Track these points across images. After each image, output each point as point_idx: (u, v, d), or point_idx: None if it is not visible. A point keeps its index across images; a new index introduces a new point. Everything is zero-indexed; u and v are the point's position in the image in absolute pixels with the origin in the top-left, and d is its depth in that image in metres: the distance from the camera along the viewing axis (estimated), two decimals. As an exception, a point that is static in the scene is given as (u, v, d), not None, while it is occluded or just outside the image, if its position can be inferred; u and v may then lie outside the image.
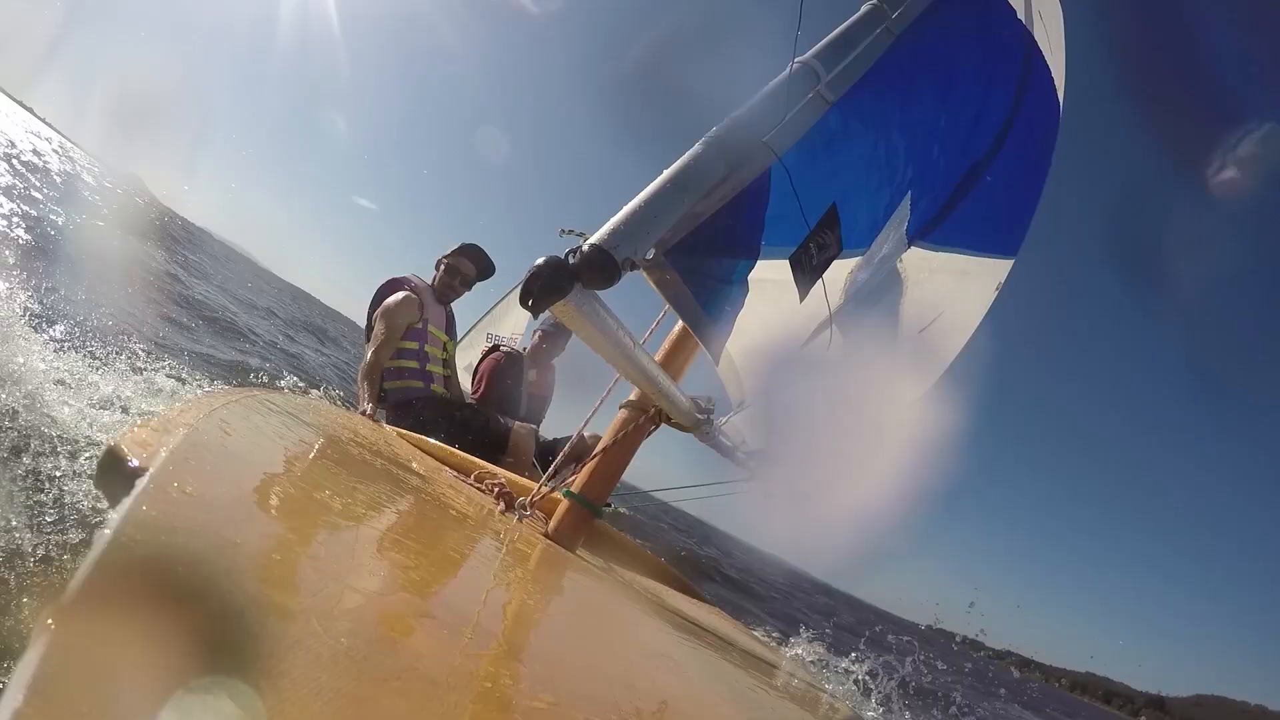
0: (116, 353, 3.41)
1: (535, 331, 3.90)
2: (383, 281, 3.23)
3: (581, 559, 1.38)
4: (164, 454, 0.62)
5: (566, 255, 0.89)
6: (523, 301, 0.88)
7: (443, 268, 3.26)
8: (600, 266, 0.89)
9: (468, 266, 3.26)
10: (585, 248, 0.89)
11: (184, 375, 3.87)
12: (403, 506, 1.03)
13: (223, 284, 10.64)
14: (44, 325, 3.25)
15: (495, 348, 3.91)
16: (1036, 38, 2.03)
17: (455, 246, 3.30)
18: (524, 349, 3.90)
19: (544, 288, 0.87)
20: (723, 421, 1.48)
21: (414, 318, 3.09)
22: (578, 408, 1.59)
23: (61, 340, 3.16)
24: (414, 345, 3.10)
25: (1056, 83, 2.23)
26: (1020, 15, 1.94)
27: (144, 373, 3.46)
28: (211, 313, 7.02)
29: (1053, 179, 2.52)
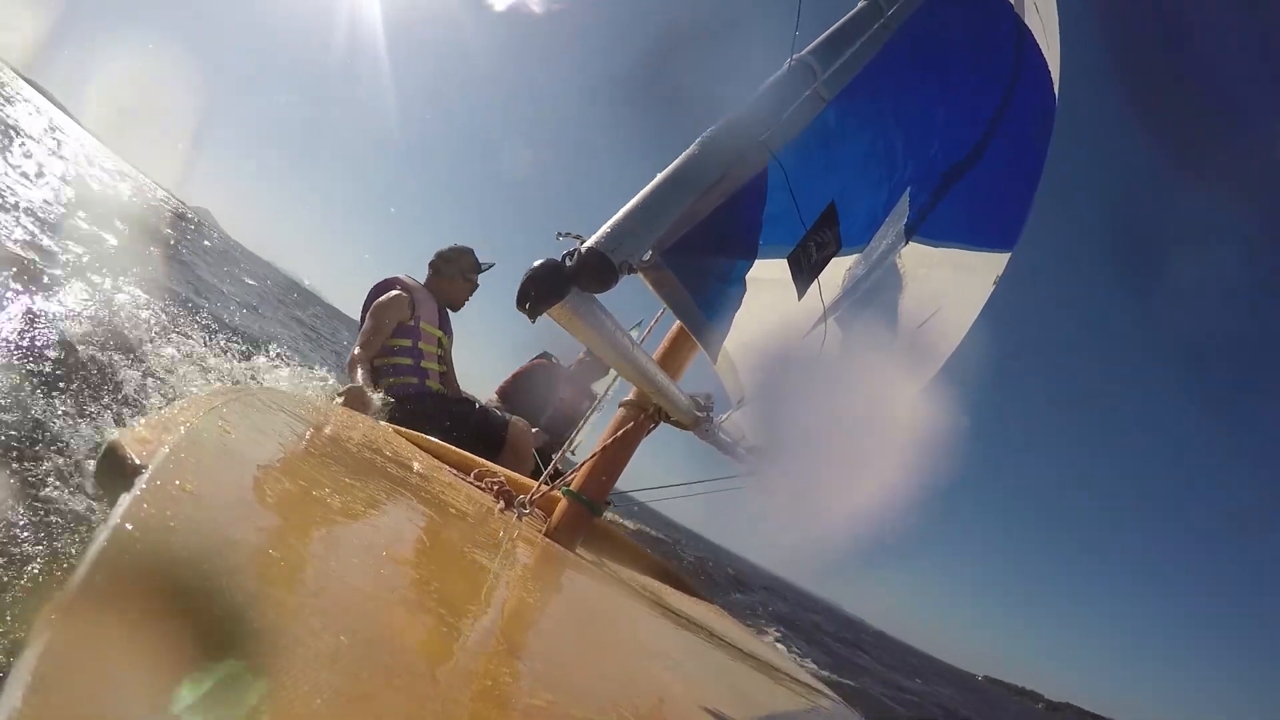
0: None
1: (584, 348, 3.92)
2: (375, 283, 3.30)
3: (581, 557, 1.38)
4: (164, 451, 0.62)
5: (563, 258, 0.89)
6: (519, 305, 0.88)
7: (449, 267, 3.33)
8: (597, 269, 0.88)
9: (470, 262, 3.35)
10: (582, 250, 0.89)
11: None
12: (402, 504, 1.03)
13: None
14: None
15: (546, 354, 3.91)
16: (1031, 28, 2.03)
17: (449, 248, 3.39)
18: (570, 366, 3.90)
19: (541, 291, 0.87)
20: (723, 419, 1.48)
21: (405, 315, 3.14)
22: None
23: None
24: (407, 342, 3.14)
25: (1052, 74, 2.23)
26: (1015, 8, 1.94)
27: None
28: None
29: (1049, 173, 2.53)
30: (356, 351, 3.03)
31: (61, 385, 2.39)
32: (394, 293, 3.15)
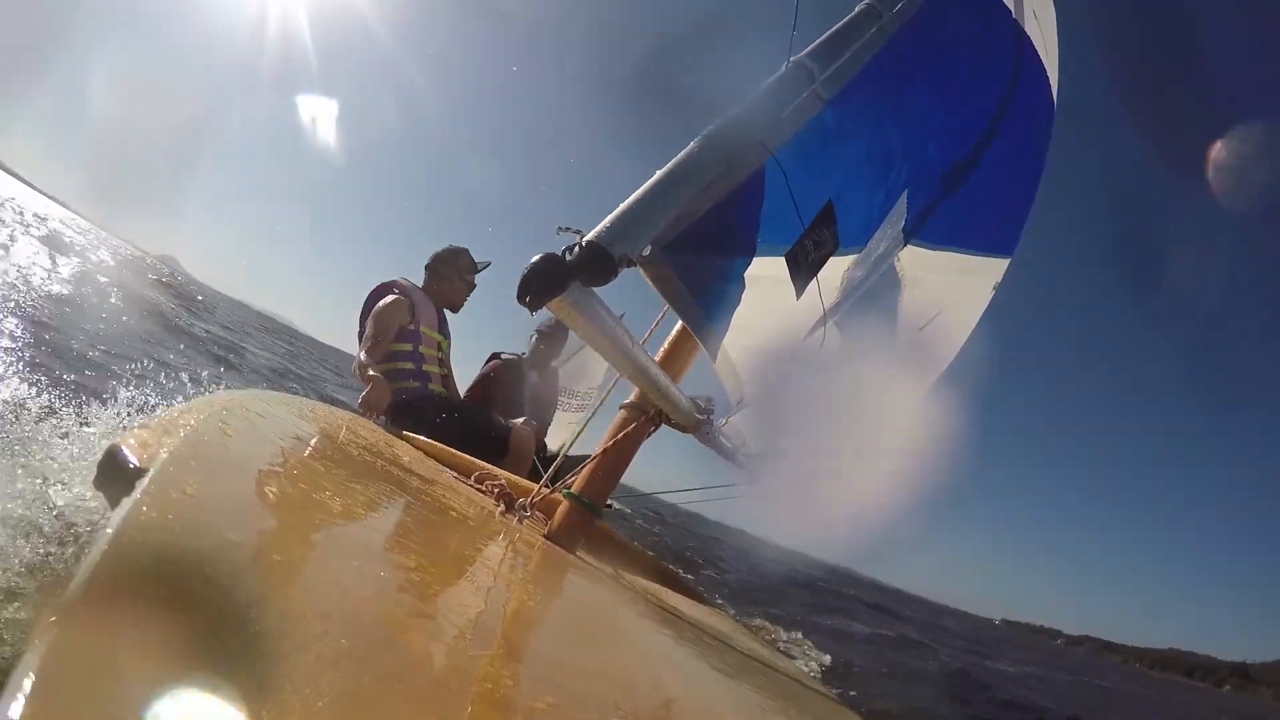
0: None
1: (532, 334, 3.89)
2: (373, 288, 3.28)
3: (582, 560, 1.38)
4: (164, 455, 0.62)
5: (563, 252, 0.90)
6: (520, 299, 0.88)
7: (446, 269, 3.32)
8: (597, 263, 0.89)
9: (467, 262, 3.34)
10: (582, 244, 0.89)
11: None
12: (403, 507, 1.03)
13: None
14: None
15: (496, 355, 3.89)
16: (1029, 33, 2.04)
17: (444, 249, 3.37)
18: (523, 354, 3.88)
19: (541, 285, 0.87)
20: (723, 423, 1.48)
21: (405, 319, 3.12)
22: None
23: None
24: (408, 347, 3.12)
25: (1050, 79, 2.24)
26: (1013, 13, 1.95)
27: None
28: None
29: (1048, 177, 2.53)
30: (363, 357, 3.00)
31: (62, 395, 2.39)
32: (393, 296, 3.13)
